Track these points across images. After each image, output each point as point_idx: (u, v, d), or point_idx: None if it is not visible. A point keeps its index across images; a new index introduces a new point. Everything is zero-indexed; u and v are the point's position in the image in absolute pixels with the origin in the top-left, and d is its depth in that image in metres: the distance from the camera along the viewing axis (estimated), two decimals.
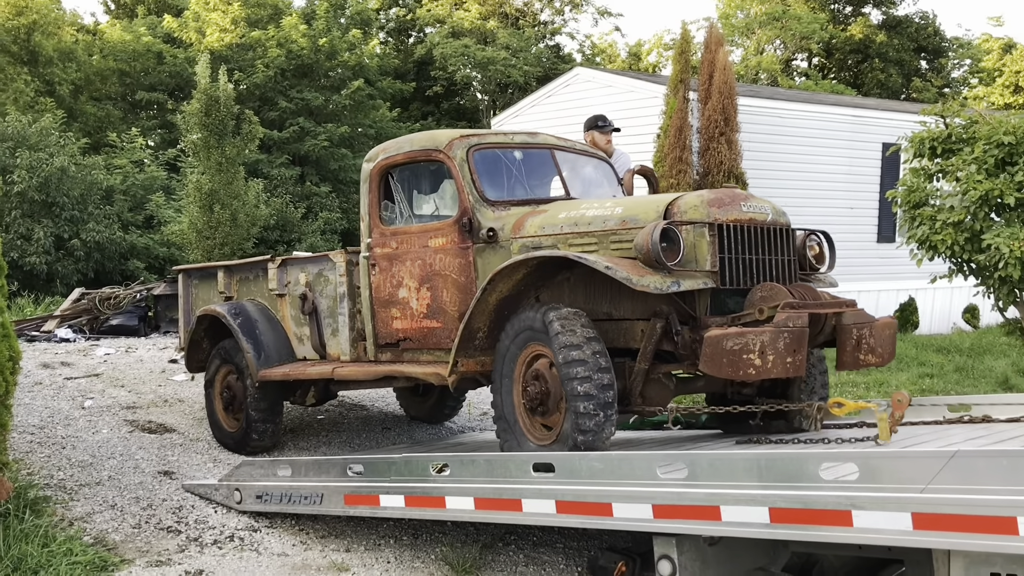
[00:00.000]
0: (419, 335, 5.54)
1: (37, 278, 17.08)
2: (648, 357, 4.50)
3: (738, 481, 3.53)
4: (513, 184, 5.52)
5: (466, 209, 5.25)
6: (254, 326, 6.58)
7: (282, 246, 20.51)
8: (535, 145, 5.74)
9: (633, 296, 4.59)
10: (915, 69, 36.01)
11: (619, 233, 4.66)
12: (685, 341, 4.42)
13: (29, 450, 6.39)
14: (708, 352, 4.11)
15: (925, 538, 3.09)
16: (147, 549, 5.16)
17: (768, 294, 4.38)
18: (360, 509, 5.09)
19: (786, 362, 4.15)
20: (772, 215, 4.69)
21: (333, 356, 6.24)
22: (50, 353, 10.22)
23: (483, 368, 5.07)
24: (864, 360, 4.53)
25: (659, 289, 4.23)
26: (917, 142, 7.63)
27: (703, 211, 4.47)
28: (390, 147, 5.81)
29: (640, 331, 4.60)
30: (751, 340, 4.09)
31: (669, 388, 4.70)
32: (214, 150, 15.59)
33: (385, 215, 5.78)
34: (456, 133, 5.57)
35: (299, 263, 6.55)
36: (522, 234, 5.04)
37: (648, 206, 4.66)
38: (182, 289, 7.62)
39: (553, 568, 5.20)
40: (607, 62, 36.14)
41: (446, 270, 5.33)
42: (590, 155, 6.15)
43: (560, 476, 4.11)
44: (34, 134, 17.91)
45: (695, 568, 3.92)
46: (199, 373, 7.32)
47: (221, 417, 6.92)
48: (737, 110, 12.79)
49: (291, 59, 24.76)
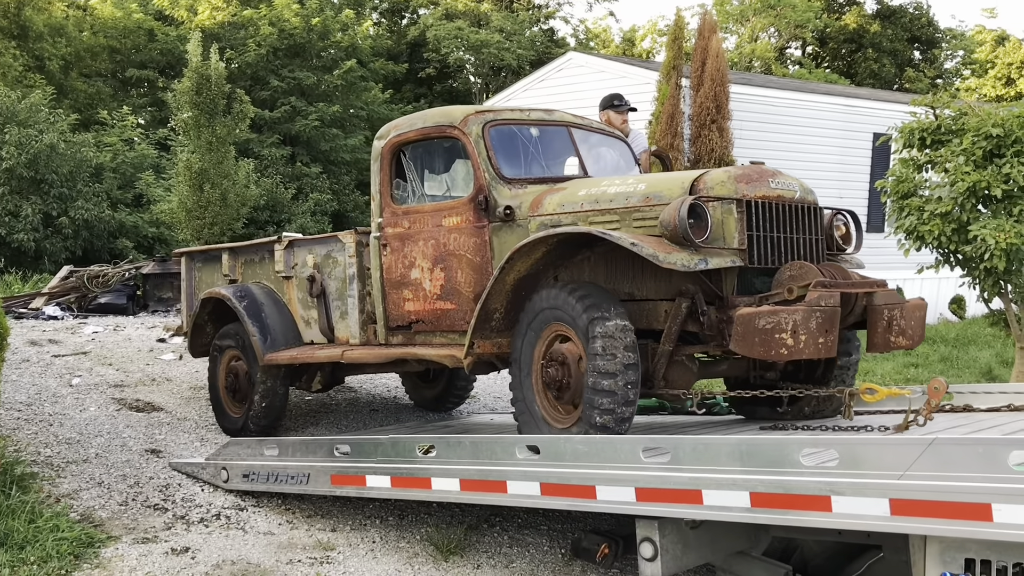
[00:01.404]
0: (432, 317, 5.41)
1: (25, 255, 17.01)
2: (673, 338, 4.39)
3: (720, 466, 3.57)
4: (530, 162, 5.38)
5: (482, 187, 5.11)
6: (260, 309, 6.43)
7: (272, 227, 20.46)
8: (552, 122, 5.59)
9: (657, 275, 4.52)
10: (908, 59, 36.07)
11: (642, 210, 4.52)
12: (711, 321, 4.31)
13: (16, 427, 6.39)
14: (740, 331, 4.01)
15: (902, 523, 3.14)
16: (134, 526, 5.18)
17: (798, 273, 4.27)
18: (346, 489, 5.12)
19: (818, 342, 4.03)
20: (800, 192, 4.57)
21: (342, 340, 6.11)
22: (38, 330, 10.21)
23: (499, 350, 4.94)
24: (895, 342, 4.41)
25: (686, 266, 4.11)
26: (907, 132, 7.65)
27: (731, 187, 4.35)
28: (402, 124, 5.66)
29: (664, 311, 4.49)
30: (783, 319, 3.97)
31: (692, 371, 4.58)
32: (205, 129, 15.52)
33: (397, 194, 5.63)
34: (471, 109, 5.44)
35: (307, 244, 6.41)
36: (540, 212, 4.92)
37: (673, 182, 4.54)
38: (185, 272, 7.45)
39: (537, 550, 5.25)
40: (601, 47, 36.06)
41: (460, 250, 5.20)
42: (607, 134, 6.00)
43: (545, 458, 4.14)
44: (23, 110, 17.79)
45: (677, 551, 3.97)
46: (203, 358, 7.20)
47: (225, 402, 6.78)
48: (729, 97, 12.82)
49: (283, 38, 24.61)
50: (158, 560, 4.78)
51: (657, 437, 4.02)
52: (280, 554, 5.00)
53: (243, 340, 6.46)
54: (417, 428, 6.78)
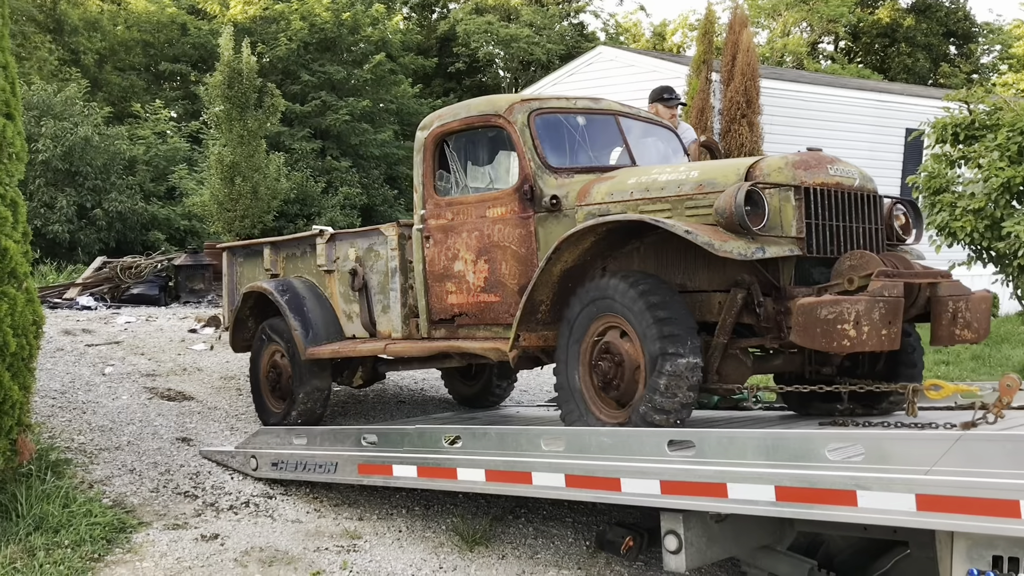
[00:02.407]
0: (476, 310, 5.29)
1: (60, 246, 17.28)
2: (728, 331, 4.25)
3: (746, 459, 3.56)
4: (576, 150, 5.23)
5: (527, 176, 4.99)
6: (302, 303, 6.36)
7: (302, 220, 20.62)
8: (599, 111, 5.44)
9: (710, 265, 4.40)
10: (943, 54, 35.60)
11: (695, 198, 4.37)
12: (768, 313, 4.17)
13: (51, 414, 6.51)
14: (801, 321, 3.88)
15: (928, 519, 3.12)
16: (164, 512, 5.26)
17: (858, 262, 4.11)
18: (373, 478, 5.16)
19: (881, 334, 3.87)
20: (860, 180, 4.41)
21: (384, 333, 6.01)
22: (72, 320, 10.36)
23: (545, 343, 4.81)
24: (960, 335, 4.22)
25: (743, 255, 3.98)
26: (940, 128, 7.59)
27: (788, 173, 4.21)
28: (445, 114, 5.55)
29: (718, 303, 4.36)
30: (846, 309, 3.82)
31: (747, 365, 4.42)
32: (236, 122, 15.68)
33: (440, 185, 5.52)
34: (516, 97, 5.33)
35: (348, 237, 6.33)
36: (588, 201, 4.78)
37: (727, 169, 4.40)
38: (226, 267, 7.40)
39: (562, 541, 5.27)
40: (631, 41, 35.93)
41: (505, 241, 5.08)
42: (655, 123, 5.87)
43: (570, 450, 4.15)
44: (59, 103, 18.06)
45: (701, 544, 3.96)
46: (244, 352, 7.16)
47: (267, 397, 6.69)
48: (759, 92, 12.75)
49: (314, 32, 24.77)
50: (188, 546, 4.86)
51: (682, 430, 4.02)
52: (308, 542, 5.06)
53: (285, 334, 6.40)
54: (443, 419, 6.82)
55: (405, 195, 25.25)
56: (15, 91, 4.83)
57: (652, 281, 4.30)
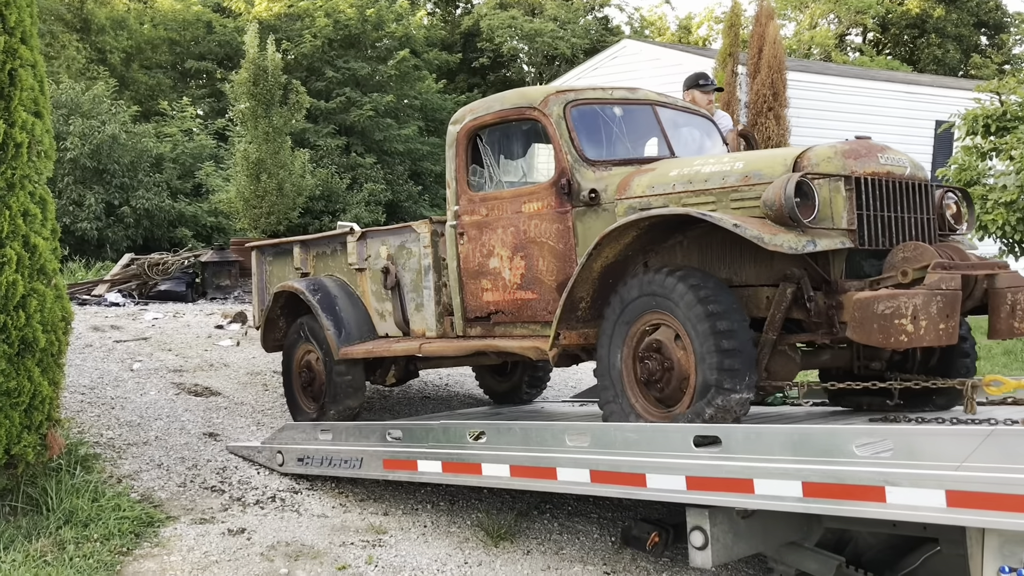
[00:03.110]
0: (512, 307, 5.19)
1: (88, 243, 17.47)
2: (777, 326, 4.13)
3: (772, 455, 3.53)
4: (614, 142, 5.11)
5: (564, 170, 4.88)
6: (334, 302, 6.27)
7: (327, 216, 20.72)
8: (636, 101, 5.31)
9: (757, 259, 4.29)
10: (974, 45, 35.12)
11: (740, 190, 4.27)
12: (819, 308, 4.06)
13: (80, 409, 6.57)
14: (857, 317, 3.78)
15: (959, 516, 3.07)
16: (192, 507, 5.30)
17: (912, 254, 4.00)
18: (398, 474, 5.17)
19: (938, 329, 3.76)
20: (911, 168, 4.29)
21: (417, 332, 5.92)
22: (100, 316, 10.47)
23: (586, 341, 4.69)
24: (1020, 328, 4.09)
25: (793, 249, 3.86)
26: (971, 119, 7.49)
27: (838, 163, 4.09)
28: (478, 107, 5.44)
29: (765, 298, 4.25)
30: (903, 304, 3.71)
31: (796, 361, 4.31)
32: (262, 119, 15.76)
33: (473, 180, 5.42)
34: (551, 88, 5.20)
35: (380, 235, 6.23)
36: (628, 195, 4.67)
37: (773, 159, 4.29)
38: (255, 266, 7.33)
39: (587, 537, 5.25)
40: (656, 35, 35.75)
41: (542, 237, 4.98)
42: (692, 112, 5.74)
43: (595, 446, 4.13)
44: (87, 101, 18.24)
45: (727, 540, 3.94)
46: (276, 352, 7.11)
47: (299, 397, 6.62)
48: (786, 84, 12.64)
49: (338, 29, 24.85)
50: (215, 540, 4.89)
51: (708, 425, 3.99)
52: (333, 536, 5.08)
53: (317, 334, 6.32)
54: (467, 415, 6.82)
55: (429, 191, 25.31)
56: (44, 89, 4.88)
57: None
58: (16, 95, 4.59)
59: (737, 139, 6.05)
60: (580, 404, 6.82)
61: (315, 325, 6.33)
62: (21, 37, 4.63)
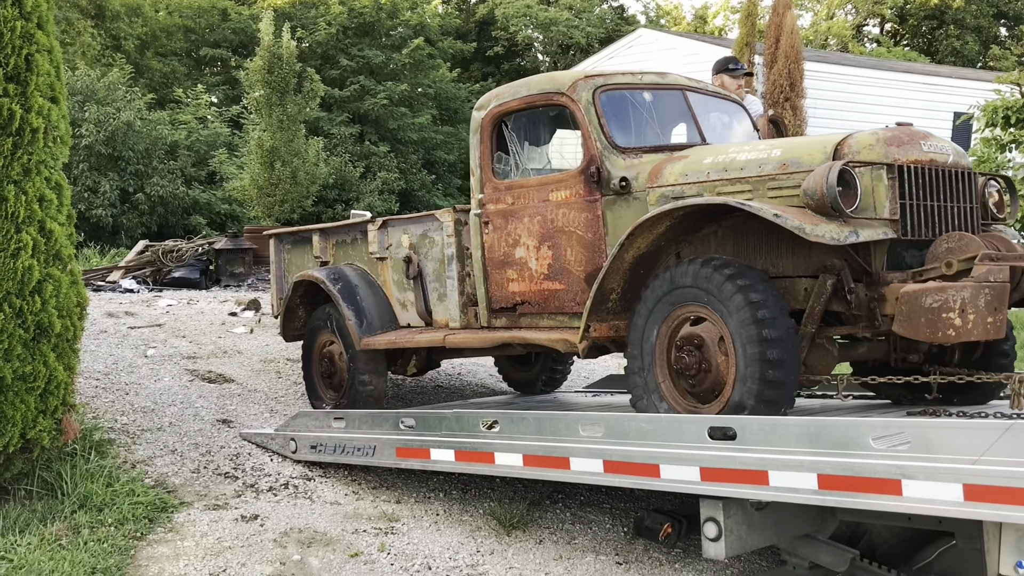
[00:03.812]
0: (539, 298, 5.10)
1: (103, 230, 17.54)
2: (816, 319, 4.04)
3: (788, 447, 3.51)
4: (644, 129, 4.99)
5: (593, 157, 4.77)
6: (355, 292, 6.18)
7: (340, 205, 20.74)
8: (666, 86, 5.18)
9: (795, 250, 4.20)
10: (993, 36, 34.79)
11: (778, 178, 4.17)
12: (860, 300, 3.97)
13: (94, 395, 6.61)
14: (904, 310, 3.67)
15: (976, 510, 3.05)
16: (205, 493, 5.32)
17: (956, 245, 3.89)
18: (411, 462, 5.17)
19: (986, 323, 3.64)
20: (953, 156, 4.17)
21: (440, 323, 5.85)
22: (115, 303, 10.51)
23: (616, 333, 4.59)
24: None
25: (836, 240, 3.76)
26: (990, 111, 7.42)
27: (880, 151, 3.99)
28: (504, 93, 5.33)
29: (803, 290, 4.16)
30: (951, 297, 3.60)
31: (833, 354, 4.20)
32: (276, 107, 15.77)
33: (499, 168, 5.31)
34: (580, 73, 5.09)
35: (401, 224, 6.14)
36: (660, 183, 4.56)
37: (812, 147, 4.18)
38: (274, 254, 7.24)
39: (600, 527, 5.25)
40: (672, 24, 35.58)
41: (570, 226, 4.87)
42: (723, 98, 5.61)
43: (608, 436, 4.12)
44: (102, 88, 18.29)
45: (741, 532, 3.92)
46: (296, 342, 7.06)
47: (320, 388, 6.56)
48: (803, 75, 12.56)
49: (353, 17, 24.84)
50: (228, 526, 4.91)
51: (723, 417, 3.97)
52: (346, 523, 5.09)
53: (338, 323, 6.25)
54: (481, 403, 6.82)
55: (443, 180, 25.31)
56: (60, 75, 4.88)
57: (734, 264, 4.03)
58: (33, 80, 4.59)
59: (767, 125, 5.95)
60: (593, 394, 6.81)
61: (336, 315, 6.25)
62: (38, 22, 4.64)
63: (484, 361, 8.48)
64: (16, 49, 4.51)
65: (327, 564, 4.61)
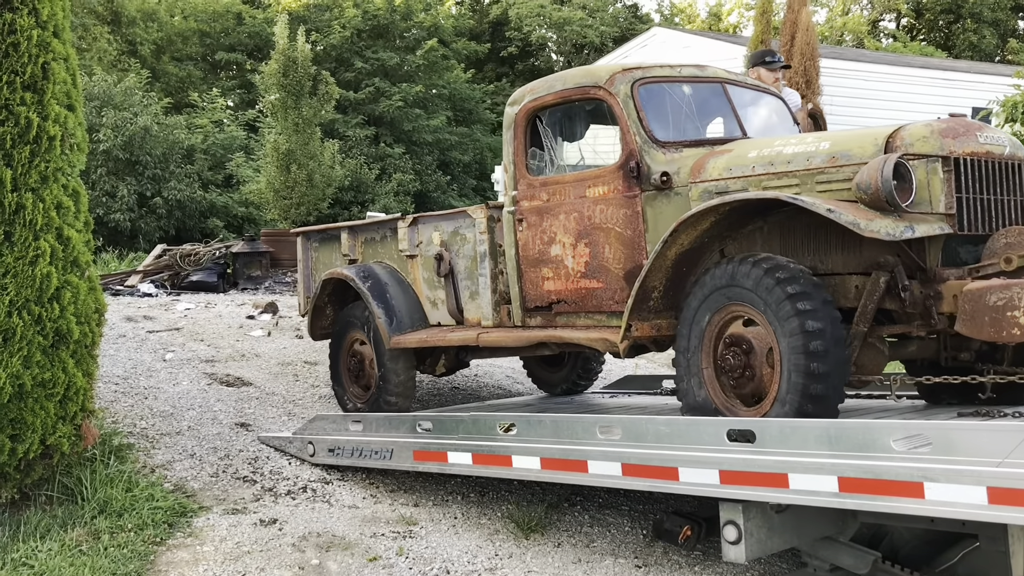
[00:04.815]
0: (576, 297, 5.00)
1: (121, 234, 17.66)
2: (869, 318, 3.92)
3: (808, 449, 3.48)
4: (683, 122, 4.90)
5: (632, 152, 4.66)
6: (384, 290, 6.09)
7: (356, 207, 20.79)
8: (705, 79, 5.10)
9: (846, 246, 4.09)
10: (1011, 30, 34.46)
11: (827, 172, 4.06)
12: (915, 298, 3.86)
13: (113, 399, 6.63)
14: (967, 309, 3.56)
15: (1000, 513, 3.01)
16: (224, 497, 5.34)
17: (1016, 240, 3.77)
18: (428, 465, 5.17)
19: None
20: (1010, 147, 4.05)
21: (472, 321, 5.76)
22: (133, 307, 10.56)
23: (658, 332, 4.52)
24: None
25: (891, 235, 3.65)
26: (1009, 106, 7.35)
27: (935, 143, 3.87)
28: (539, 87, 5.23)
29: (854, 287, 4.05)
30: (1016, 295, 3.46)
31: (884, 354, 4.10)
32: (291, 110, 15.83)
33: (533, 164, 5.23)
34: (617, 66, 5.01)
35: (432, 220, 6.07)
36: (703, 178, 4.47)
37: (863, 139, 4.06)
38: (301, 252, 7.14)
39: (618, 530, 5.23)
40: (686, 22, 35.46)
41: (608, 223, 4.77)
42: (762, 91, 5.50)
43: (626, 439, 4.10)
44: (119, 93, 18.42)
45: (761, 535, 3.89)
46: (324, 341, 7.02)
47: (348, 387, 6.47)
48: (819, 72, 12.47)
49: (367, 19, 24.91)
50: (247, 530, 4.92)
51: (742, 419, 3.94)
52: (364, 527, 5.09)
53: (367, 322, 6.17)
54: (498, 406, 6.81)
55: (458, 181, 25.34)
56: (76, 83, 4.91)
57: (783, 265, 3.94)
58: (49, 88, 4.62)
59: (807, 118, 5.85)
60: (611, 395, 6.78)
61: (365, 313, 6.19)
62: (54, 31, 4.66)
63: (501, 363, 8.47)
64: (33, 58, 4.53)
65: (346, 568, 4.61)
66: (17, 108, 4.49)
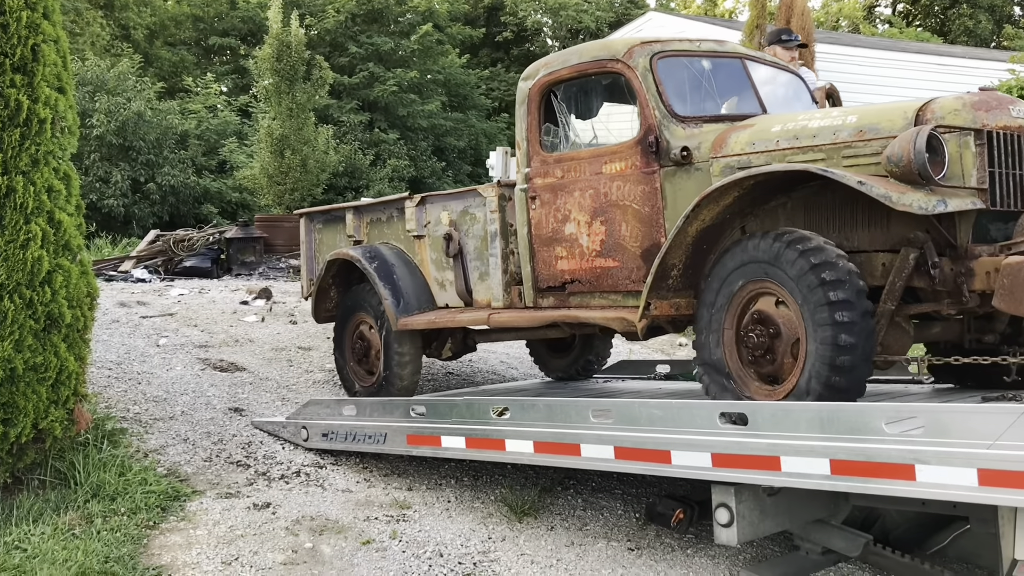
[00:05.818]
0: (590, 276, 4.91)
1: (114, 220, 17.61)
2: (896, 296, 3.82)
3: (800, 432, 3.48)
4: (703, 97, 4.83)
5: (651, 127, 4.57)
6: (391, 271, 6.00)
7: (350, 193, 20.74)
8: (724, 54, 5.01)
9: (872, 222, 4.02)
10: (1007, 15, 34.40)
11: (854, 145, 3.98)
12: (945, 275, 3.77)
13: (107, 384, 6.62)
14: (1007, 284, 3.46)
15: (991, 495, 3.02)
16: (217, 481, 5.34)
17: None
18: (422, 449, 5.17)
19: None
20: None
21: (481, 302, 5.66)
22: (127, 292, 10.54)
23: (677, 311, 4.45)
24: None
25: (924, 209, 3.57)
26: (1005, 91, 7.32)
27: (967, 116, 3.78)
28: (553, 61, 5.13)
29: (881, 264, 3.97)
30: None
31: (909, 333, 4.02)
32: (285, 95, 15.76)
33: (546, 140, 5.12)
34: (635, 39, 4.91)
35: (441, 200, 5.97)
36: (725, 152, 4.38)
37: (892, 112, 3.99)
38: (304, 234, 7.02)
39: (611, 513, 5.24)
40: (682, 7, 35.33)
41: (625, 200, 4.67)
42: (781, 68, 5.42)
43: (619, 422, 4.11)
44: (112, 78, 18.32)
45: (753, 517, 3.91)
46: (328, 323, 6.94)
47: (352, 371, 6.43)
48: (815, 57, 12.41)
49: (361, 4, 24.78)
50: (240, 514, 4.92)
51: (734, 403, 3.95)
52: (358, 511, 5.09)
53: (373, 304, 6.10)
54: (491, 390, 6.81)
55: (453, 167, 25.27)
56: (67, 65, 4.87)
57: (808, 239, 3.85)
58: (39, 70, 4.58)
59: (825, 96, 5.81)
60: (605, 380, 6.79)
61: (371, 295, 6.11)
62: (44, 12, 4.63)
63: (496, 349, 8.47)
64: (22, 39, 4.50)
65: (339, 552, 4.62)
66: (7, 90, 4.46)
